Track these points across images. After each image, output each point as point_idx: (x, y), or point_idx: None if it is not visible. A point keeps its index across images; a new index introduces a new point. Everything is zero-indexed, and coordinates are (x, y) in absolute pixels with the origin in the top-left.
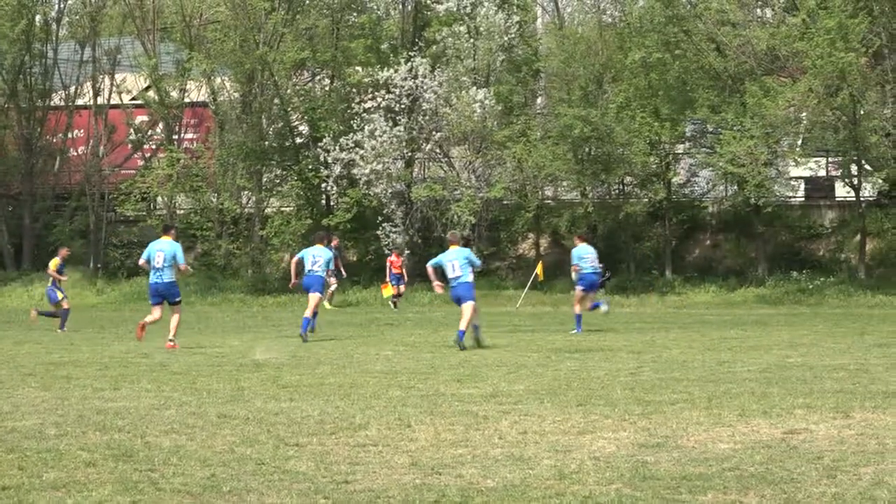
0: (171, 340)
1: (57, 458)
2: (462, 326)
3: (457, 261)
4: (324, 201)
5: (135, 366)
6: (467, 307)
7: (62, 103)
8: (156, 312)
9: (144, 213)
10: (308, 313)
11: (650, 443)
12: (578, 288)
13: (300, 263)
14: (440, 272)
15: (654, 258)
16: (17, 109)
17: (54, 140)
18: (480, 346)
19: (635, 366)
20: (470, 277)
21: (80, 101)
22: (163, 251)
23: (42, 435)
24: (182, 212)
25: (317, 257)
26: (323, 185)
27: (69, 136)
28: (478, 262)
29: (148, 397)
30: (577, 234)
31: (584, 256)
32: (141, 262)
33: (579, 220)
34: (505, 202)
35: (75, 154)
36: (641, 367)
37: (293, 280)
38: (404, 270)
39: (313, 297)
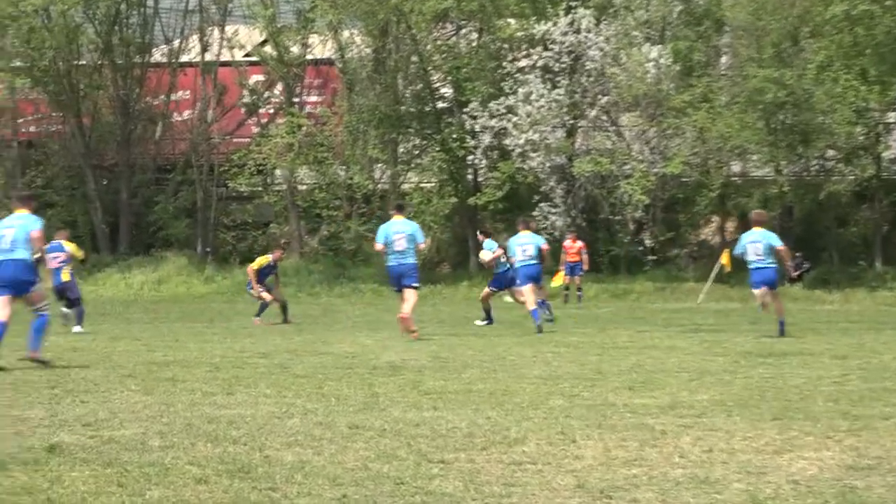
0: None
1: (162, 473)
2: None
3: (530, 245)
4: (470, 176)
5: (251, 367)
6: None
7: (164, 60)
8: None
9: (260, 189)
10: (531, 305)
11: (859, 465)
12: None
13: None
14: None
15: (862, 246)
16: (112, 67)
17: (155, 103)
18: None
19: (840, 373)
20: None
21: (184, 58)
22: (403, 233)
23: (145, 447)
24: (304, 187)
25: (525, 245)
26: (469, 157)
27: (172, 98)
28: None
29: (267, 404)
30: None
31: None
32: (379, 246)
33: (772, 201)
34: (684, 179)
35: (179, 119)
36: (847, 375)
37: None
38: (584, 257)
39: (527, 288)
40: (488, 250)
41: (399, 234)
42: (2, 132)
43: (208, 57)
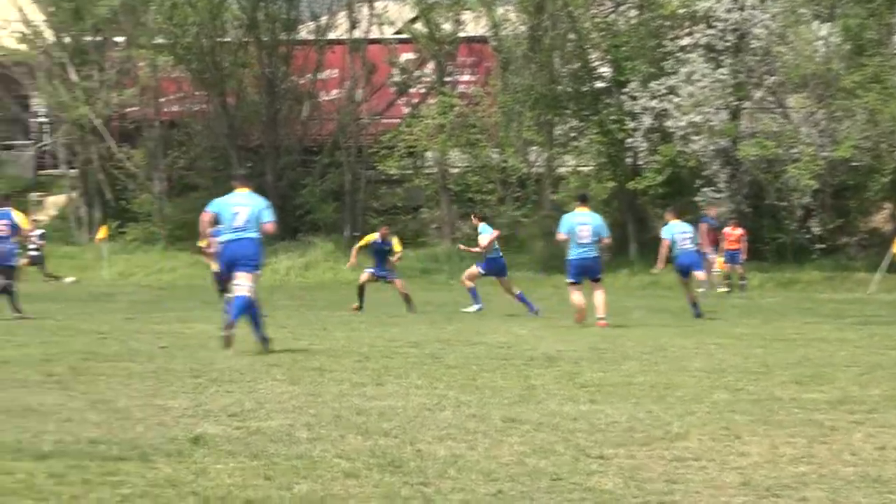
0: (602, 319)
1: (310, 466)
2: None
3: (688, 233)
4: (629, 160)
5: (401, 357)
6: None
7: (311, 37)
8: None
9: (411, 172)
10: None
11: None
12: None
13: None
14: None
15: None
16: (257, 44)
17: (302, 81)
18: None
19: None
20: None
21: (332, 35)
22: (587, 225)
23: (292, 438)
24: (456, 170)
25: (685, 233)
26: (629, 139)
27: (319, 76)
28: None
29: (418, 395)
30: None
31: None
32: (561, 236)
33: None
34: (854, 164)
35: (327, 99)
36: None
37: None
38: (743, 245)
39: (698, 275)
40: (485, 234)
41: (584, 226)
42: (144, 111)
43: (357, 34)
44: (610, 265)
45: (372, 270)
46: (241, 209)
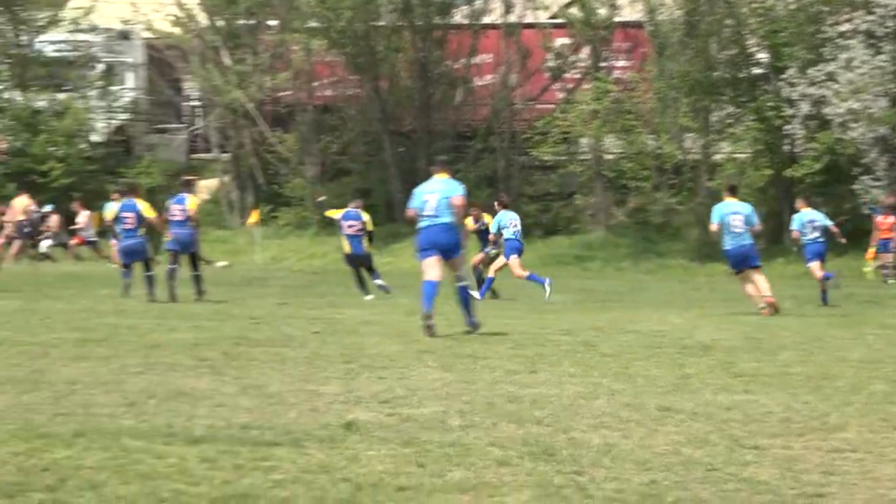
0: (768, 296)
1: (463, 454)
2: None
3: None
4: (786, 147)
5: (554, 344)
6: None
7: (465, 21)
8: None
9: (565, 158)
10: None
11: None
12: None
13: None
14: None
15: None
16: (411, 28)
17: (455, 66)
18: None
19: None
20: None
21: (486, 19)
22: (739, 214)
23: (444, 426)
24: (611, 157)
25: (814, 222)
26: (786, 126)
27: (473, 61)
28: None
29: (572, 384)
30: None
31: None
32: (714, 227)
33: None
34: None
35: (481, 84)
36: None
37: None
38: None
39: (815, 265)
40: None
41: (735, 216)
42: (297, 95)
43: (511, 18)
44: (765, 254)
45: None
46: (431, 196)
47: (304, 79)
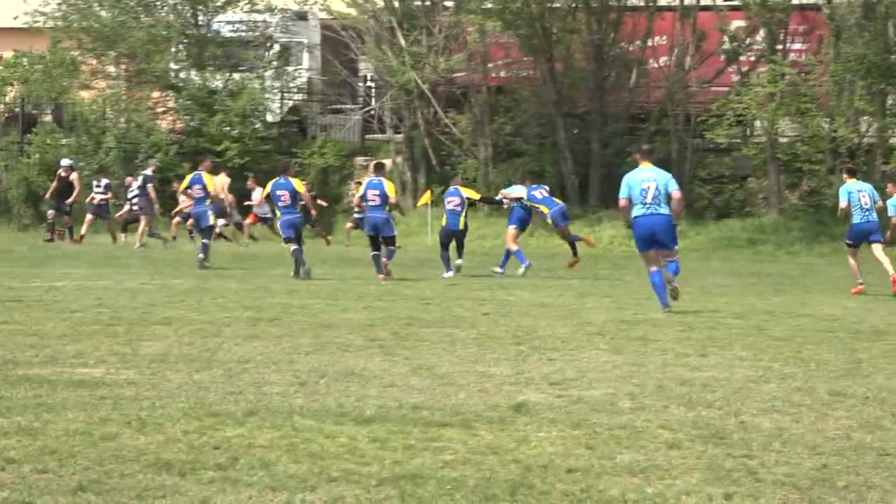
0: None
1: (633, 436)
2: None
3: None
4: None
5: (725, 327)
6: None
7: (641, 3)
8: None
9: (739, 141)
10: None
11: None
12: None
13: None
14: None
15: None
16: (587, 10)
17: (630, 48)
18: None
19: None
20: None
21: (662, 1)
22: (865, 192)
23: (614, 408)
24: (785, 140)
25: (862, 191)
26: None
27: (648, 43)
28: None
29: (742, 367)
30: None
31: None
32: (843, 204)
33: None
34: None
35: (655, 66)
36: None
37: None
38: None
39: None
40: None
41: (862, 193)
42: (471, 76)
43: (687, 1)
44: None
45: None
46: (650, 184)
47: (479, 60)
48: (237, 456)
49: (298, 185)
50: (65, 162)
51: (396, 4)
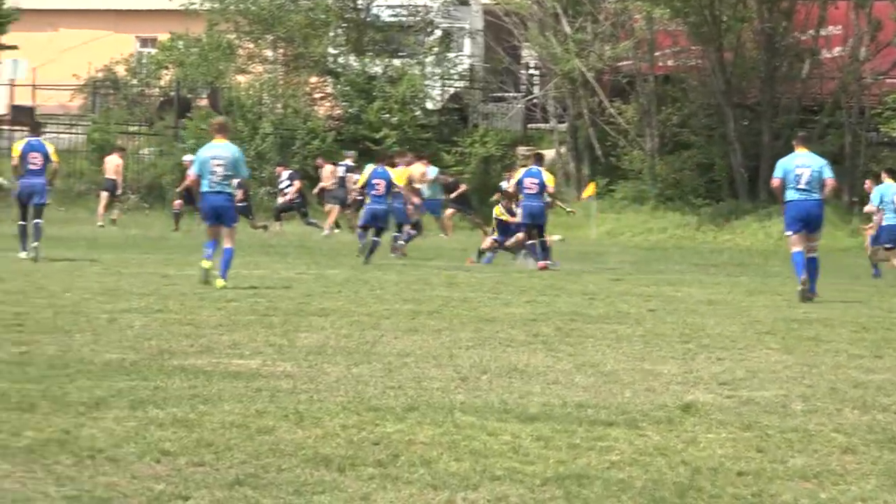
0: None
1: (805, 440)
2: None
3: None
4: None
5: None
6: None
7: None
8: None
9: None
10: None
11: None
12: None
13: None
14: None
15: None
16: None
17: (803, 38)
18: None
19: None
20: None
21: None
22: None
23: (786, 410)
24: None
25: None
26: None
27: (821, 33)
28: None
29: None
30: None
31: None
32: (871, 208)
33: None
34: None
35: (828, 56)
36: None
37: None
38: None
39: None
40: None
41: None
42: (637, 65)
43: None
44: None
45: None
46: (804, 170)
47: (646, 48)
48: (397, 452)
49: (398, 176)
50: (188, 157)
51: None
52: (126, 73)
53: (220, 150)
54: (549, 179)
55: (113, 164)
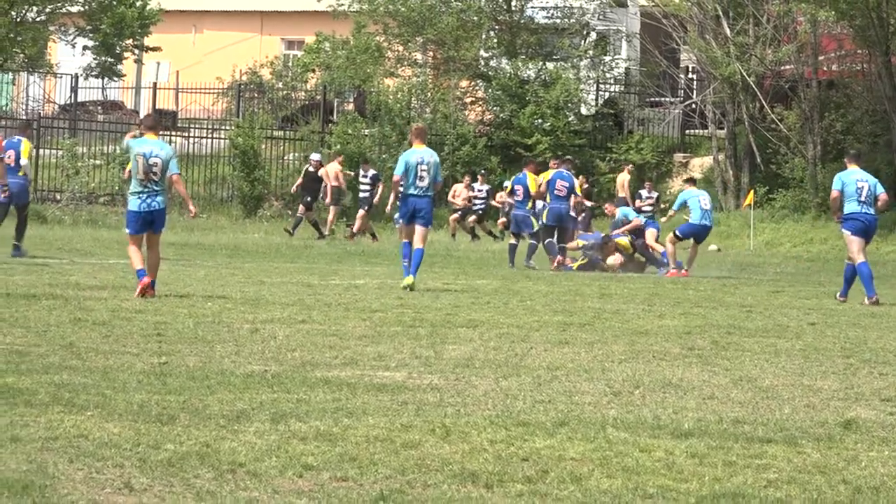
0: None
1: None
2: None
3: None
4: None
5: None
6: None
7: None
8: None
9: None
10: None
11: None
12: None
13: None
14: None
15: None
16: None
17: None
18: None
19: None
20: None
21: None
22: None
23: None
24: None
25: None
26: None
27: None
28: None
29: None
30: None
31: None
32: None
33: None
34: None
35: None
36: None
37: None
38: None
39: None
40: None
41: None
42: (800, 69)
43: None
44: None
45: None
46: (864, 184)
47: (809, 52)
48: (547, 468)
49: (533, 182)
50: (314, 156)
51: None
52: (271, 76)
53: (424, 155)
54: (579, 184)
55: (333, 171)
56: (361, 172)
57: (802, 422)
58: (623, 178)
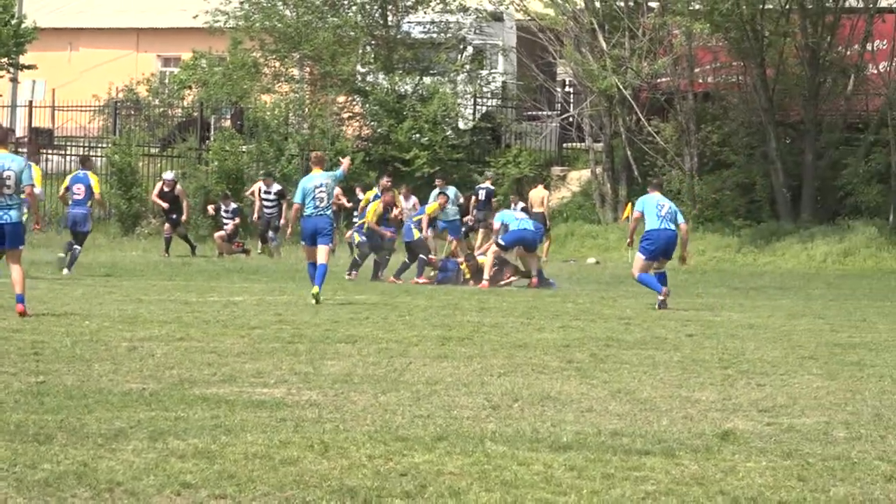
0: None
1: (848, 468)
2: None
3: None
4: None
5: None
6: None
7: (860, 5)
8: None
9: None
10: None
11: None
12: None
13: None
14: None
15: None
16: (801, 12)
17: (847, 53)
18: None
19: None
20: None
21: (883, 3)
22: None
23: (828, 438)
24: None
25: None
26: None
27: (867, 47)
28: None
29: None
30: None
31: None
32: None
33: None
34: None
35: (875, 72)
36: None
37: None
38: None
39: None
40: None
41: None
42: (676, 82)
43: None
44: None
45: None
46: (664, 204)
47: (685, 64)
48: (425, 483)
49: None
50: (168, 175)
51: (598, 5)
52: (148, 93)
53: (321, 179)
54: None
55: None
56: (264, 188)
57: (680, 433)
58: (542, 195)
